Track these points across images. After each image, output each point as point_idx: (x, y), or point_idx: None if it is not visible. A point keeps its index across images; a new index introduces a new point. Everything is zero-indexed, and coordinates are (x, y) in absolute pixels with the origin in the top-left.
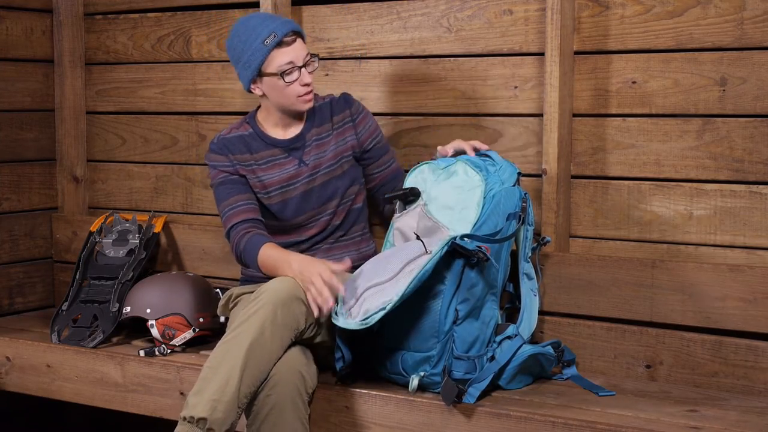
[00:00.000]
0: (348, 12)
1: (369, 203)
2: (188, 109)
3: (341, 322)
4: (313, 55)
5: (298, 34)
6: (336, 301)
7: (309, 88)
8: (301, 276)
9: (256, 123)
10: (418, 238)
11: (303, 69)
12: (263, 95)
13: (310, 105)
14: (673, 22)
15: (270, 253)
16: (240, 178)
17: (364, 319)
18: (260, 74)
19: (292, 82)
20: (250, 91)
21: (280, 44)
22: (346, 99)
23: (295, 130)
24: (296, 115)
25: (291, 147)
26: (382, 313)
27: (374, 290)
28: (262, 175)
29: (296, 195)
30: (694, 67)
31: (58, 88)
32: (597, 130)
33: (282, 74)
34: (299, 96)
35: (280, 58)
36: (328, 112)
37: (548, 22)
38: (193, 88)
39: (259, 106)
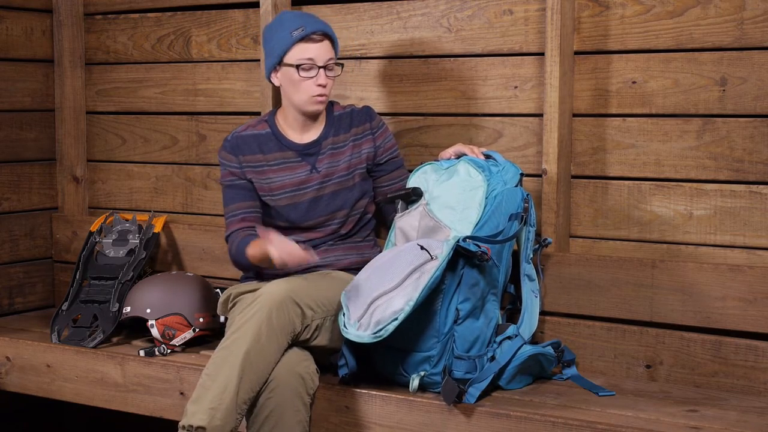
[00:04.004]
0: (348, 12)
1: (377, 213)
2: (188, 109)
3: (352, 334)
4: (338, 63)
5: (329, 37)
6: (340, 309)
7: (322, 90)
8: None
9: (275, 122)
10: (422, 248)
11: (322, 70)
12: (280, 87)
13: (320, 108)
14: (673, 22)
15: (252, 253)
16: (246, 183)
17: (376, 332)
18: (281, 63)
19: (307, 78)
20: (270, 80)
21: (305, 39)
22: (367, 112)
23: (312, 135)
24: (311, 117)
25: (305, 152)
26: (395, 323)
27: (382, 300)
28: (272, 176)
29: (305, 201)
30: (694, 67)
31: (58, 88)
32: (597, 130)
33: (299, 67)
34: (312, 95)
35: (302, 52)
36: (348, 122)
37: (548, 22)
38: (193, 88)
39: (280, 106)
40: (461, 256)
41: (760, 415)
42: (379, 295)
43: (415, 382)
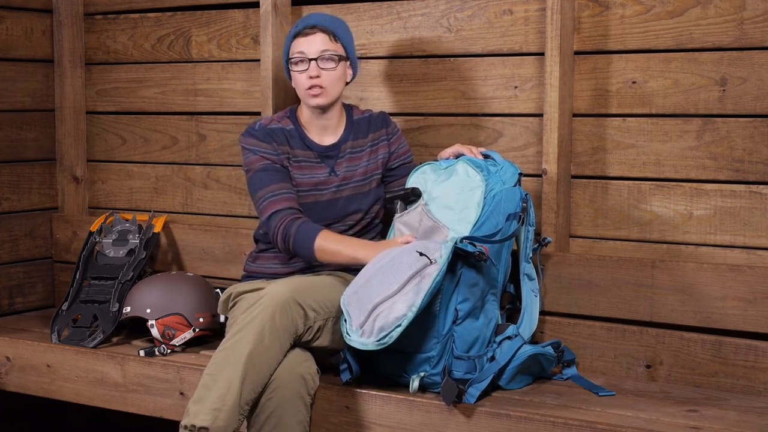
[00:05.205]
0: (348, 12)
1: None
2: (188, 109)
3: (356, 342)
4: (337, 56)
5: (322, 29)
6: (341, 315)
7: (315, 82)
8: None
9: (297, 120)
10: (421, 254)
11: (313, 62)
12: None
13: (317, 101)
14: (673, 22)
15: (331, 236)
16: (283, 168)
17: (380, 339)
18: (287, 62)
19: (299, 72)
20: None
21: (299, 34)
22: (383, 118)
23: (332, 137)
24: (321, 116)
25: (325, 154)
26: (399, 329)
27: (384, 306)
28: (294, 172)
29: (321, 201)
30: (694, 67)
31: (58, 88)
32: (597, 130)
33: (290, 61)
34: (305, 89)
35: (295, 47)
36: (366, 127)
37: (548, 22)
38: (193, 88)
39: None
40: (459, 257)
41: (760, 415)
42: (381, 301)
43: (415, 382)
